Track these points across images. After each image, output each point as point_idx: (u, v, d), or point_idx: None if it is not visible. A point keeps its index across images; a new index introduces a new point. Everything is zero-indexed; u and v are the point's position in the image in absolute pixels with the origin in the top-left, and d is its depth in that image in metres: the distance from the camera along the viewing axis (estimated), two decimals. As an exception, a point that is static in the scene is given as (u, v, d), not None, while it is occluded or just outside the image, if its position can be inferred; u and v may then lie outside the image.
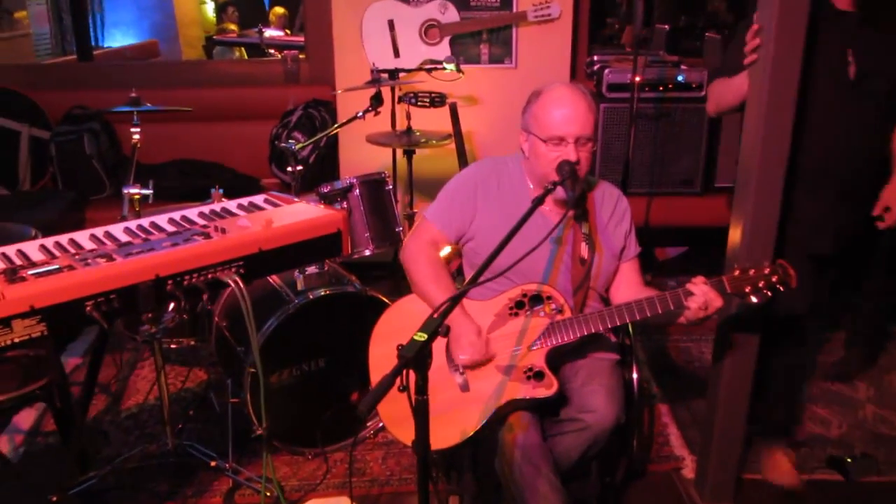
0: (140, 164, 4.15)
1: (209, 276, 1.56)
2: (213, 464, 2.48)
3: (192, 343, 2.97)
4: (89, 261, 1.47)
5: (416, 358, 1.23)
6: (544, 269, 2.06)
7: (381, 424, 2.72)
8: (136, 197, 2.24)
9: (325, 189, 2.76)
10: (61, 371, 2.50)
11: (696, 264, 4.36)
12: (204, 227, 1.71)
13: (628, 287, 2.14)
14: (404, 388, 1.28)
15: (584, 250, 2.04)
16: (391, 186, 2.86)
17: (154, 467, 2.55)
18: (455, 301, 1.40)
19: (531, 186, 2.11)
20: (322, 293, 2.53)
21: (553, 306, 1.97)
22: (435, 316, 1.31)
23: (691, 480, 2.56)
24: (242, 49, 7.79)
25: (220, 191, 2.65)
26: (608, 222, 2.13)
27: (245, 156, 4.35)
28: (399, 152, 3.50)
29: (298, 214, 1.79)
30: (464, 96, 3.86)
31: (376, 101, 3.01)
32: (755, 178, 2.07)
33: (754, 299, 1.87)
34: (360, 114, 2.97)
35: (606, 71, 3.89)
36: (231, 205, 1.90)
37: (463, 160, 3.48)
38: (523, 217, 1.68)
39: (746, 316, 2.22)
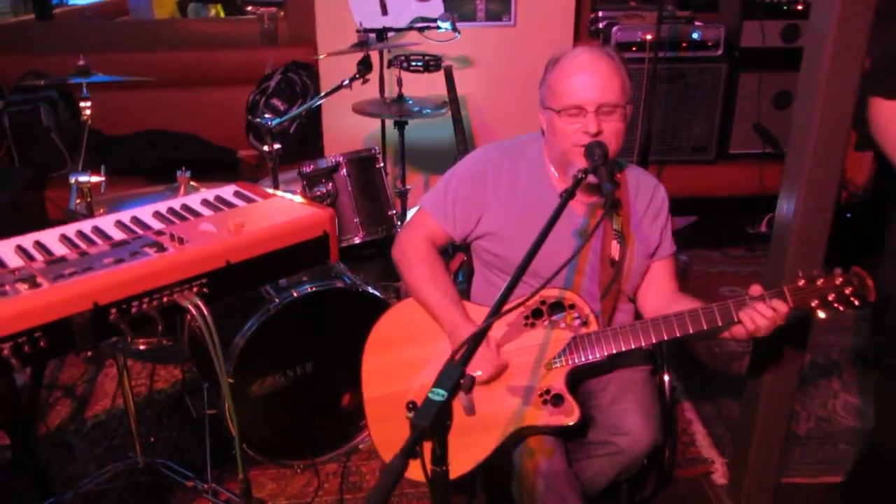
0: (104, 135, 3.83)
1: (164, 299, 1.24)
2: (189, 484, 2.21)
3: (164, 343, 2.66)
4: (7, 287, 1.15)
5: (433, 426, 0.92)
6: (565, 269, 1.76)
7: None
8: (87, 188, 1.90)
9: (308, 169, 2.44)
10: (11, 381, 2.20)
11: (706, 236, 4.09)
12: (158, 233, 1.37)
13: (659, 292, 1.83)
14: (417, 456, 0.98)
15: (614, 249, 1.72)
16: (382, 164, 2.54)
17: (123, 488, 2.26)
18: (478, 339, 1.10)
19: (552, 170, 1.80)
20: (308, 290, 2.23)
21: (576, 316, 1.67)
22: (455, 360, 1.01)
23: (724, 487, 2.31)
24: (219, 6, 7.29)
25: (188, 173, 2.32)
26: (643, 216, 1.81)
27: (220, 125, 3.98)
28: (389, 122, 3.15)
29: (275, 214, 1.47)
30: (456, 57, 3.49)
31: (364, 66, 2.63)
32: (813, 142, 1.72)
33: (822, 315, 1.54)
34: (347, 82, 2.59)
35: (615, 28, 3.55)
36: (194, 201, 1.57)
37: (459, 129, 3.14)
38: (552, 218, 1.37)
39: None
